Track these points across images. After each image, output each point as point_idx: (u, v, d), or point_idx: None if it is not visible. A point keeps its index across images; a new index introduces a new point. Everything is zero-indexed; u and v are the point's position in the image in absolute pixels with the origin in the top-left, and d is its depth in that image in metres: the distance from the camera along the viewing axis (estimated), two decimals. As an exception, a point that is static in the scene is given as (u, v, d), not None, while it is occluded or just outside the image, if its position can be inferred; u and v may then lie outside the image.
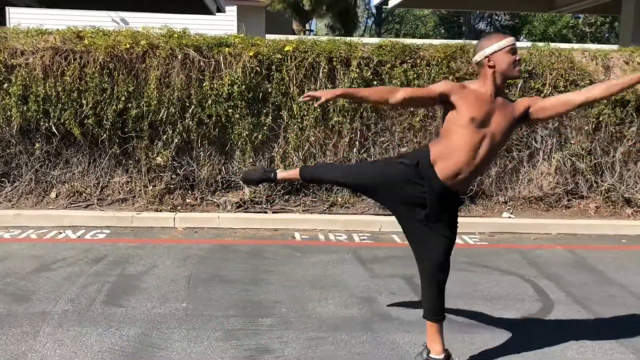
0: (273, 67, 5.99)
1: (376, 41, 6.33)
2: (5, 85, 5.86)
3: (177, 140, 6.04)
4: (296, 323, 3.53)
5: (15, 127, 5.94)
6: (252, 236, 5.57)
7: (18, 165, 6.08)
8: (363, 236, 5.63)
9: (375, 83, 6.04)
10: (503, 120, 2.66)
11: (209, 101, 5.95)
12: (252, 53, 5.90)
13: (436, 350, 2.91)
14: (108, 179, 6.14)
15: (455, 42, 6.40)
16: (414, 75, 6.03)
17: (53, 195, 6.05)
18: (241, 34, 6.28)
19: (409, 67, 6.06)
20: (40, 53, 5.82)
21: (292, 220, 5.88)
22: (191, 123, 6.01)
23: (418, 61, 6.10)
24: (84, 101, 5.87)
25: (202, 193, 6.16)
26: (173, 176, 6.13)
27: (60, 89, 5.84)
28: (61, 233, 5.46)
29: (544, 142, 6.35)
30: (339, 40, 6.18)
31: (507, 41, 2.64)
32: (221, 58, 5.93)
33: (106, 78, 5.87)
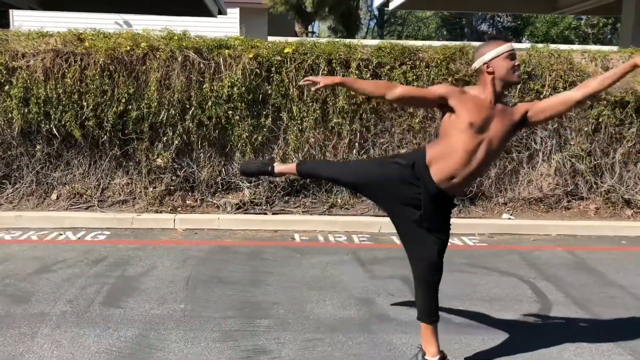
0: (273, 69, 6.01)
1: (375, 43, 6.34)
2: (6, 87, 5.89)
3: (177, 142, 6.06)
4: (293, 324, 3.53)
5: (16, 129, 5.97)
6: (252, 237, 5.58)
7: (19, 167, 6.11)
8: (362, 237, 5.64)
9: (374, 85, 6.04)
10: (502, 126, 2.67)
11: (209, 103, 5.97)
12: (252, 55, 5.92)
13: (431, 352, 2.91)
14: (108, 181, 6.16)
15: (454, 44, 6.41)
16: (413, 76, 6.04)
17: (54, 196, 6.08)
18: (241, 36, 6.30)
19: (408, 69, 6.07)
20: (41, 55, 5.85)
21: (292, 221, 5.89)
22: (191, 125, 6.03)
23: (417, 63, 6.11)
24: (85, 103, 5.90)
25: (202, 194, 6.17)
26: (173, 178, 6.15)
27: (61, 91, 5.87)
28: (62, 234, 5.48)
29: (544, 144, 6.35)
30: (339, 42, 6.19)
31: (506, 47, 2.64)
32: (221, 60, 5.95)
33: (107, 80, 5.90)
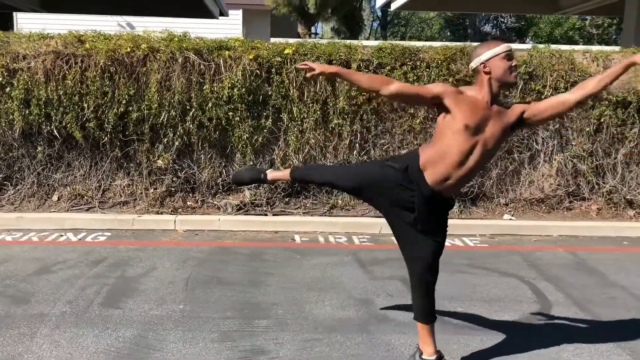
0: (273, 70, 6.01)
1: (376, 44, 6.34)
2: (7, 89, 5.91)
3: (178, 143, 6.07)
4: (292, 325, 3.53)
5: (17, 131, 5.99)
6: (252, 238, 5.58)
7: (20, 168, 6.13)
8: (363, 238, 5.63)
9: (375, 85, 6.04)
10: (497, 128, 2.65)
11: (210, 104, 5.98)
12: (252, 56, 5.93)
13: (428, 351, 2.91)
14: (109, 182, 6.18)
15: (455, 44, 6.40)
16: (414, 77, 6.03)
17: (55, 198, 6.10)
18: (240, 37, 6.30)
19: (409, 69, 6.06)
20: (42, 57, 5.87)
21: (292, 222, 5.89)
22: (192, 126, 6.03)
23: (418, 63, 6.10)
24: (85, 105, 5.92)
25: (203, 196, 6.18)
26: (174, 179, 6.16)
27: (61, 93, 5.89)
28: (62, 236, 5.49)
29: (545, 144, 6.33)
30: (339, 43, 6.19)
31: (503, 47, 2.63)
32: (221, 61, 5.95)
33: (107, 81, 5.91)
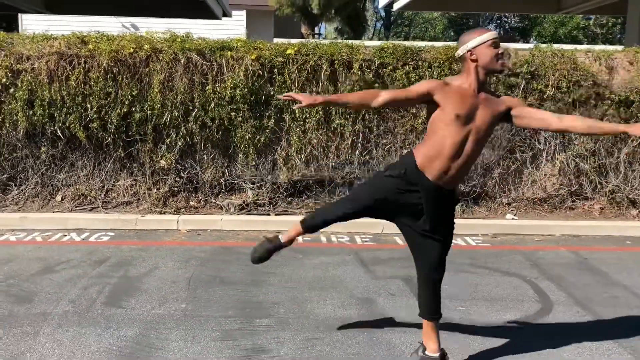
0: (275, 70, 6.03)
1: (378, 44, 6.34)
2: (11, 90, 5.95)
3: (181, 143, 6.10)
4: (293, 323, 3.54)
5: (21, 131, 6.02)
6: (255, 238, 5.59)
7: (24, 168, 6.16)
8: (365, 238, 5.64)
9: (377, 85, 6.06)
10: (487, 114, 2.67)
11: (212, 104, 6.00)
12: (254, 56, 5.94)
13: (432, 348, 2.93)
14: (112, 182, 6.20)
15: (456, 44, 6.39)
16: (416, 77, 6.03)
17: (59, 198, 6.13)
18: (243, 38, 6.32)
19: (411, 69, 6.07)
20: (45, 58, 5.90)
21: (295, 222, 5.87)
22: (194, 126, 6.05)
23: (420, 63, 6.11)
24: (89, 105, 5.95)
25: (206, 196, 6.20)
26: (177, 179, 6.18)
27: (65, 93, 5.92)
28: (66, 235, 5.52)
29: (548, 143, 6.33)
30: (341, 43, 6.20)
31: (490, 35, 2.65)
32: (224, 61, 5.97)
33: (110, 82, 5.94)
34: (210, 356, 3.12)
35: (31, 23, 15.30)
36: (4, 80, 5.92)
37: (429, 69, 6.09)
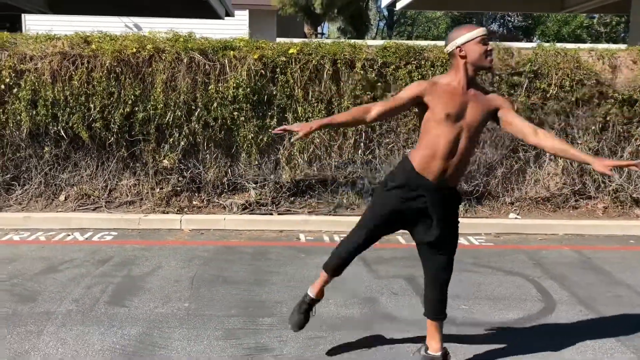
0: (278, 70, 6.03)
1: (380, 43, 6.34)
2: (14, 90, 5.97)
3: (184, 143, 6.11)
4: (296, 323, 3.54)
5: (24, 131, 6.04)
6: (258, 238, 5.61)
7: (28, 168, 6.18)
8: (368, 237, 5.63)
9: (379, 84, 6.06)
10: (477, 111, 2.67)
11: (215, 104, 6.00)
12: (257, 56, 5.95)
13: (434, 347, 2.94)
14: (116, 182, 6.22)
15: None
16: (419, 76, 6.03)
17: (62, 198, 6.14)
18: (245, 37, 6.33)
19: (414, 69, 6.06)
20: (48, 58, 5.92)
21: (297, 221, 5.90)
22: (197, 126, 6.06)
23: (422, 62, 6.10)
24: (92, 105, 5.96)
25: (209, 195, 6.21)
26: (180, 179, 6.19)
27: (68, 93, 5.94)
28: (69, 235, 5.53)
29: (551, 142, 6.30)
30: (343, 42, 6.20)
31: (479, 31, 2.65)
32: (226, 61, 5.98)
33: (113, 82, 5.95)
34: (213, 355, 3.13)
35: (34, 23, 15.35)
36: (8, 80, 5.94)
37: (432, 68, 6.08)
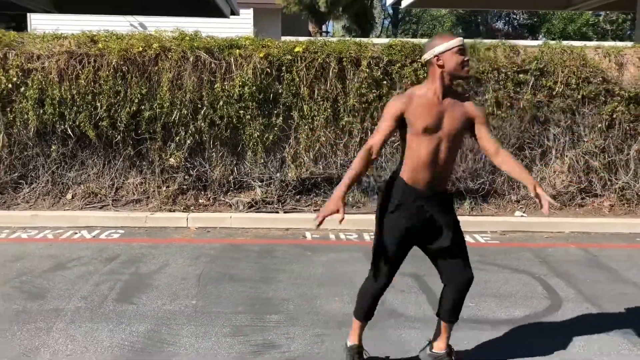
0: (283, 68, 6.04)
1: (386, 41, 6.35)
2: (22, 88, 6.00)
3: (190, 141, 6.13)
4: (303, 319, 3.56)
5: (32, 130, 6.08)
6: (264, 236, 5.62)
7: (35, 167, 6.22)
8: (374, 235, 5.64)
9: (385, 83, 6.06)
10: (454, 120, 2.68)
11: (221, 102, 6.03)
12: (263, 54, 5.96)
13: (440, 346, 2.98)
14: (122, 180, 6.25)
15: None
16: (424, 74, 6.03)
17: (69, 196, 6.18)
18: (251, 36, 6.34)
19: (419, 67, 6.06)
20: (55, 57, 5.95)
21: (303, 219, 5.92)
22: (203, 124, 6.09)
23: (428, 60, 6.09)
24: (98, 104, 5.99)
25: (215, 193, 6.23)
26: (186, 177, 6.22)
27: (75, 92, 5.97)
28: (77, 233, 5.57)
29: (557, 140, 6.31)
30: (349, 40, 6.21)
31: (457, 41, 2.66)
32: (232, 60, 6.00)
33: (120, 81, 5.98)
34: (221, 351, 3.14)
35: (40, 22, 15.39)
36: (15, 79, 5.98)
37: (437, 66, 6.07)
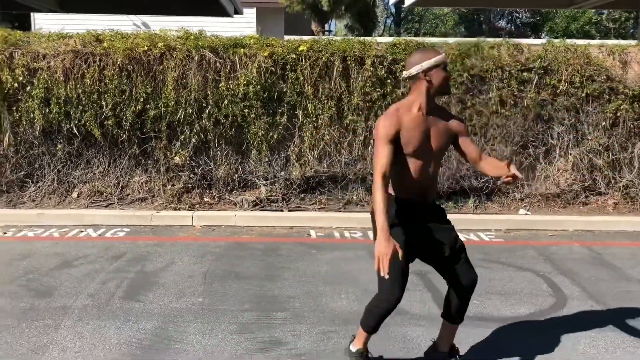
0: (288, 67, 6.06)
1: (390, 40, 6.36)
2: (28, 88, 6.03)
3: (195, 140, 6.15)
4: (309, 317, 3.59)
5: (38, 129, 6.11)
6: (268, 234, 5.65)
7: (41, 166, 6.25)
8: (378, 233, 5.65)
9: (389, 81, 6.07)
10: (439, 137, 2.70)
11: (225, 101, 6.05)
12: (267, 53, 5.98)
13: (445, 346, 2.98)
14: (128, 179, 6.27)
15: (469, 40, 6.39)
16: (428, 73, 6.03)
17: (75, 195, 6.21)
18: (255, 35, 6.35)
19: (423, 65, 6.06)
20: (61, 56, 5.98)
21: (308, 218, 5.94)
22: (208, 123, 6.11)
23: (432, 59, 6.10)
24: (104, 103, 6.02)
25: (220, 192, 6.25)
26: (191, 175, 6.25)
27: (80, 91, 6.00)
28: (82, 231, 5.60)
29: (561, 139, 6.31)
30: (353, 39, 6.23)
31: (443, 58, 2.65)
32: (237, 59, 6.02)
33: (125, 80, 6.01)
34: (228, 348, 3.17)
35: (44, 22, 15.43)
36: (21, 78, 6.01)
37: (441, 65, 6.08)
